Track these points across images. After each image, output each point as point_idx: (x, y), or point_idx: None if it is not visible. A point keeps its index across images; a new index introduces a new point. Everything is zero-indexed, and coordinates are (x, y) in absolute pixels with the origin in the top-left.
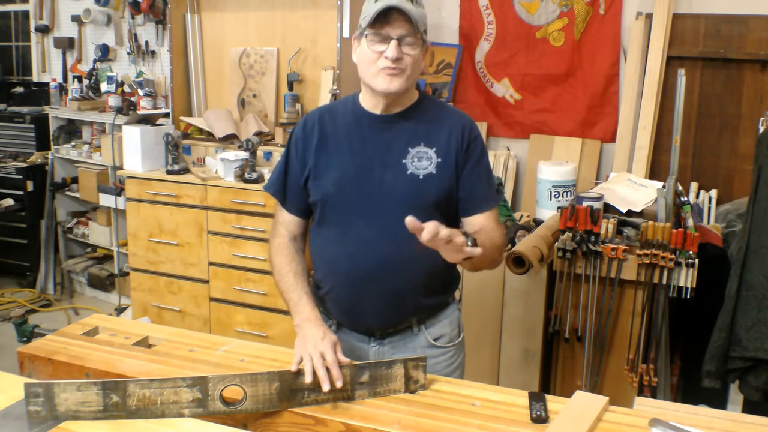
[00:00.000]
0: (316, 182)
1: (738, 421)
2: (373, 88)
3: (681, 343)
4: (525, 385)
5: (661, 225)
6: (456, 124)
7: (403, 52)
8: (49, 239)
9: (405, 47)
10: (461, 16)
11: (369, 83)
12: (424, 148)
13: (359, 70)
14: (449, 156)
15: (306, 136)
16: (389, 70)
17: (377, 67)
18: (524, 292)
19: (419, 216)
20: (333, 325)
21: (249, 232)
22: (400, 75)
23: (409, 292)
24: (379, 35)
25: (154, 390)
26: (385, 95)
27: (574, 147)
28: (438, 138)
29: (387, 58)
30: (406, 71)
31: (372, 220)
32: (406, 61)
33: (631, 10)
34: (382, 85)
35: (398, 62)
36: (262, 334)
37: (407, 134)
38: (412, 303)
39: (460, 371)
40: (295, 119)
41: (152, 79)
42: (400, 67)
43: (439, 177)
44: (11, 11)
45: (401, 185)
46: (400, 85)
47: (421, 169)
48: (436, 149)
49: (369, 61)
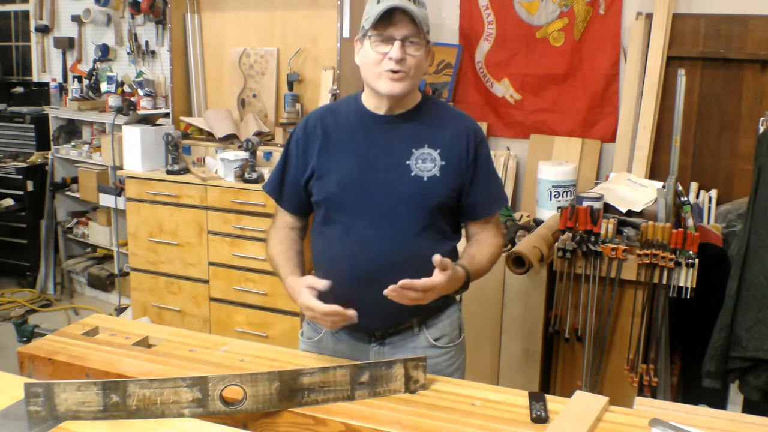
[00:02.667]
0: (318, 182)
1: (738, 421)
2: (376, 90)
3: (681, 343)
4: (525, 385)
5: (661, 225)
6: (461, 128)
7: (406, 53)
8: (49, 239)
9: (409, 48)
10: (461, 16)
11: (372, 85)
12: (428, 150)
13: (362, 71)
14: (453, 159)
15: (307, 137)
16: (393, 74)
17: (381, 69)
18: (524, 292)
19: (422, 218)
20: None
21: (249, 232)
22: (404, 78)
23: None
24: (383, 36)
25: (154, 390)
26: (389, 97)
27: (574, 147)
28: (442, 140)
29: (391, 59)
30: (410, 73)
31: (374, 220)
32: (410, 62)
33: (631, 10)
34: (386, 88)
35: (402, 63)
36: (262, 334)
37: (411, 135)
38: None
39: (460, 372)
40: (295, 119)
41: (152, 79)
42: (403, 69)
43: (442, 179)
44: (11, 11)
45: (405, 187)
46: (403, 88)
47: (425, 171)
48: (440, 151)
49: (373, 62)
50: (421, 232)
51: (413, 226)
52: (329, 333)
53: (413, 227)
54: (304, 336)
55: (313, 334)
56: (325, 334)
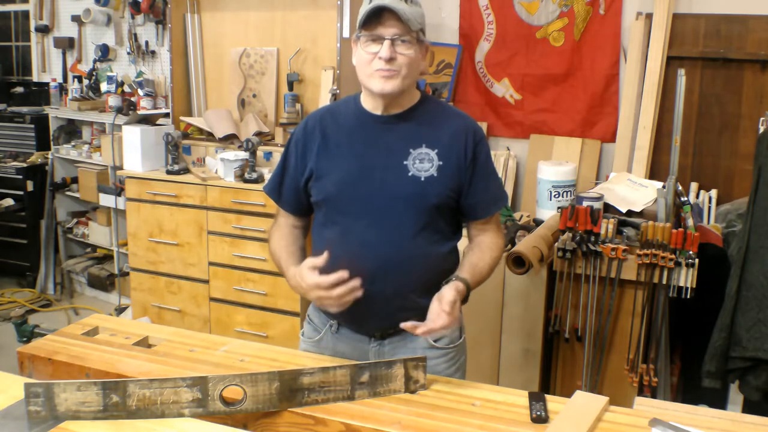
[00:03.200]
0: (317, 183)
1: (738, 421)
2: (370, 89)
3: (681, 343)
4: (525, 385)
5: (661, 225)
6: (459, 127)
7: (396, 52)
8: (49, 239)
9: (399, 47)
10: (461, 16)
11: (366, 85)
12: (425, 150)
13: (357, 72)
14: (451, 158)
15: (307, 138)
16: (383, 72)
17: (372, 68)
18: (524, 292)
19: (420, 218)
20: (333, 325)
21: (249, 232)
22: (395, 76)
23: (409, 293)
24: (373, 36)
25: (154, 390)
26: (382, 96)
27: (574, 147)
28: (440, 140)
29: (381, 59)
30: (401, 72)
31: (373, 221)
32: (401, 61)
33: (631, 10)
34: (377, 87)
35: (392, 63)
36: (262, 334)
37: (409, 135)
38: (412, 304)
39: (461, 373)
40: (295, 119)
41: (152, 79)
42: (393, 68)
43: (440, 179)
44: (11, 11)
45: (402, 187)
46: (394, 87)
47: (423, 171)
48: (438, 151)
49: (365, 62)
50: (420, 232)
51: (412, 227)
52: (330, 332)
53: (412, 227)
54: (305, 336)
55: (314, 334)
56: (326, 333)
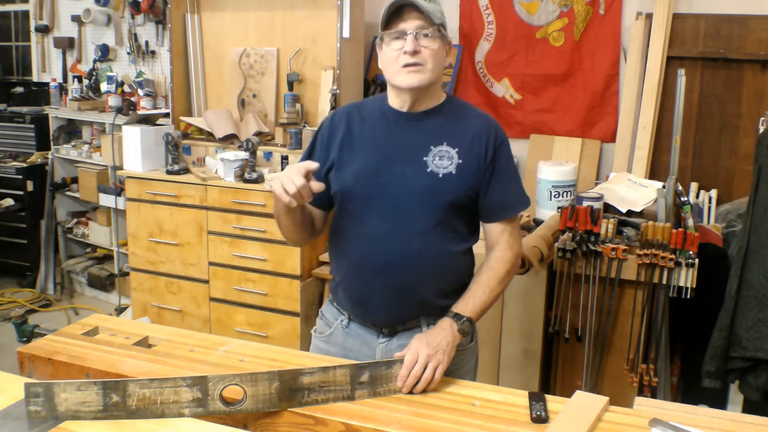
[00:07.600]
0: (337, 174)
1: (738, 421)
2: (396, 85)
3: (681, 343)
4: (525, 385)
5: (661, 225)
6: (482, 127)
7: (420, 45)
8: (49, 239)
9: (422, 40)
10: (461, 16)
11: (392, 82)
12: (446, 148)
13: (384, 73)
14: (472, 158)
15: (332, 129)
16: (409, 67)
17: (398, 65)
18: (524, 292)
19: (434, 214)
20: (344, 318)
21: (249, 232)
22: (420, 70)
23: (416, 288)
24: (396, 32)
25: (154, 390)
26: (409, 91)
27: (574, 147)
28: (462, 139)
29: (406, 53)
30: (427, 65)
31: (386, 213)
32: (425, 54)
33: (631, 10)
34: (404, 81)
35: (416, 56)
36: (262, 334)
37: (431, 132)
38: (420, 300)
39: (470, 376)
40: (295, 119)
41: (152, 79)
42: (419, 61)
43: (458, 177)
44: (11, 11)
45: (419, 182)
46: (421, 80)
47: (442, 168)
48: (459, 150)
49: (390, 60)
50: (433, 228)
51: (424, 222)
52: (340, 327)
53: (424, 223)
54: (317, 332)
55: (325, 329)
56: (336, 328)
